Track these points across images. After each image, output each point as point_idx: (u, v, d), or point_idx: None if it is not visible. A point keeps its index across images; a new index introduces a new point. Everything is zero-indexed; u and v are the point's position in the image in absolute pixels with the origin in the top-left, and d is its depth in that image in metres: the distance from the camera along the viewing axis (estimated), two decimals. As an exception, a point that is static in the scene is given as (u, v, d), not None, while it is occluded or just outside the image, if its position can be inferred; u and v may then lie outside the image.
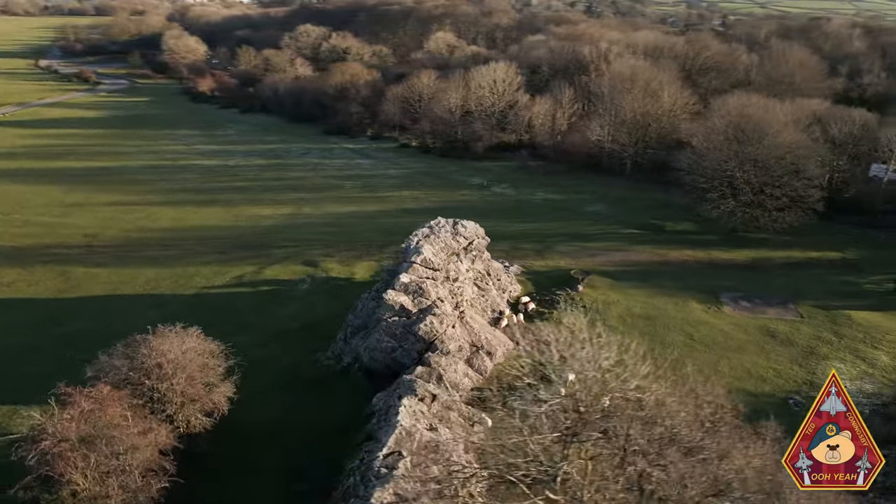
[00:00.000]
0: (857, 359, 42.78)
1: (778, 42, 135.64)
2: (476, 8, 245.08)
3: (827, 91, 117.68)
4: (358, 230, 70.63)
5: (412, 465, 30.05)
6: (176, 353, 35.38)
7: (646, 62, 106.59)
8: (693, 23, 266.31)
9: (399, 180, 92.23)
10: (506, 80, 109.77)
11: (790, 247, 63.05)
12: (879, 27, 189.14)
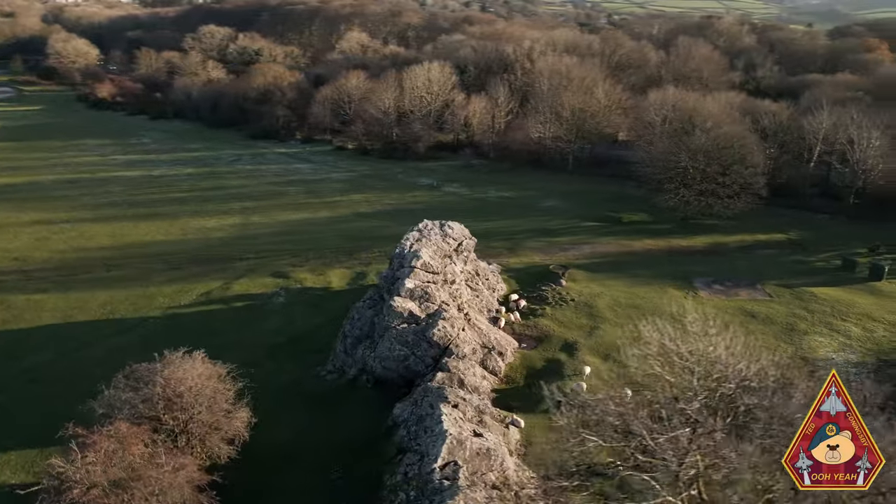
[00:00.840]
0: (832, 332, 46.19)
1: (684, 39, 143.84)
2: (385, 7, 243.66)
3: (729, 84, 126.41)
4: (320, 237, 68.36)
5: (469, 474, 29.61)
6: (194, 381, 32.91)
7: (577, 60, 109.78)
8: (584, 22, 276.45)
9: (345, 184, 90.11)
10: (440, 80, 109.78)
11: (739, 231, 67.18)
12: (764, 24, 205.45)
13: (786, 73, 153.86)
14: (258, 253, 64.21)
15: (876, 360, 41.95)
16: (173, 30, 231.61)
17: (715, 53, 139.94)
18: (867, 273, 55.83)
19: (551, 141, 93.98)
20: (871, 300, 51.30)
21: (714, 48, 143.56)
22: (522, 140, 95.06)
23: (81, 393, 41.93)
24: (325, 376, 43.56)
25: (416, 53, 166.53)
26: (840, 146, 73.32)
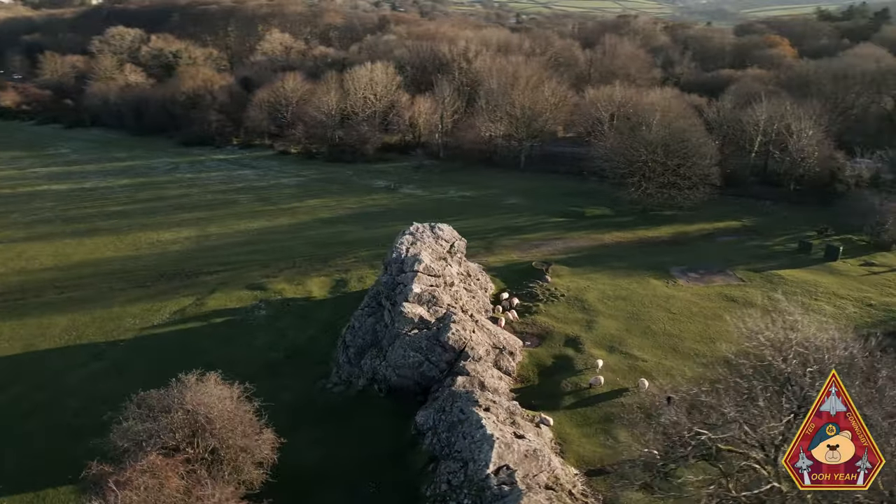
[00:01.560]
0: (808, 311, 48.81)
1: (610, 37, 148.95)
2: (305, 7, 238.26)
3: (652, 80, 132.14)
4: (288, 246, 66.02)
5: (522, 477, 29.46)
6: (222, 405, 30.95)
7: (523, 59, 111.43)
8: (495, 22, 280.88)
9: (297, 189, 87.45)
10: (384, 81, 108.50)
11: (698, 221, 70.27)
12: (674, 23, 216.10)
13: (701, 69, 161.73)
14: (225, 265, 61.29)
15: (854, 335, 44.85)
16: (75, 32, 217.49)
17: (640, 51, 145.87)
18: (823, 254, 59.75)
19: (502, 139, 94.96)
20: (833, 279, 54.95)
21: (638, 46, 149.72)
22: (473, 139, 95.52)
23: (63, 428, 39.12)
24: (332, 389, 42.13)
25: (345, 54, 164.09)
26: (778, 136, 78.14)
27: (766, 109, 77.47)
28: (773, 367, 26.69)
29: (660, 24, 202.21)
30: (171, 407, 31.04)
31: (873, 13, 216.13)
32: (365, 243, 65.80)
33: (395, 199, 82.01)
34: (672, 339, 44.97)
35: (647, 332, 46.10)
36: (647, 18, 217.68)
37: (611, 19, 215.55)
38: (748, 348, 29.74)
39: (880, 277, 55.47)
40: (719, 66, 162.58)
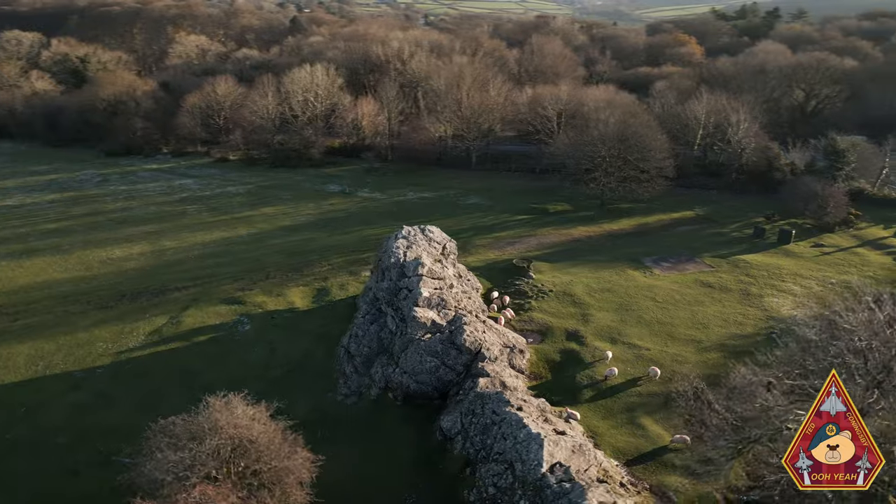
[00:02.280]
0: (780, 292, 52.28)
1: (537, 38, 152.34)
2: (218, 8, 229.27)
3: (579, 79, 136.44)
4: (254, 256, 63.44)
5: (575, 472, 29.76)
6: (259, 427, 29.40)
7: (468, 59, 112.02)
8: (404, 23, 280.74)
9: (247, 197, 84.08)
10: (325, 83, 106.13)
11: (655, 212, 73.11)
12: (590, 23, 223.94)
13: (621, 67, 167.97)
14: (193, 280, 58.14)
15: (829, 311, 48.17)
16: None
17: (567, 50, 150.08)
18: (776, 238, 63.72)
19: (452, 140, 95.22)
20: (791, 261, 58.73)
21: (564, 46, 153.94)
22: (423, 140, 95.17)
23: (55, 466, 36.10)
24: (343, 401, 40.98)
25: (271, 56, 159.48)
26: (717, 129, 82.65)
27: (705, 104, 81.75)
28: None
29: (577, 24, 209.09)
30: (202, 432, 29.18)
31: (765, 12, 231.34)
32: (336, 250, 64.25)
33: (353, 203, 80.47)
34: (666, 327, 46.62)
35: (641, 321, 47.59)
36: (566, 19, 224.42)
37: (530, 20, 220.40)
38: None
39: (832, 257, 59.79)
40: (636, 63, 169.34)
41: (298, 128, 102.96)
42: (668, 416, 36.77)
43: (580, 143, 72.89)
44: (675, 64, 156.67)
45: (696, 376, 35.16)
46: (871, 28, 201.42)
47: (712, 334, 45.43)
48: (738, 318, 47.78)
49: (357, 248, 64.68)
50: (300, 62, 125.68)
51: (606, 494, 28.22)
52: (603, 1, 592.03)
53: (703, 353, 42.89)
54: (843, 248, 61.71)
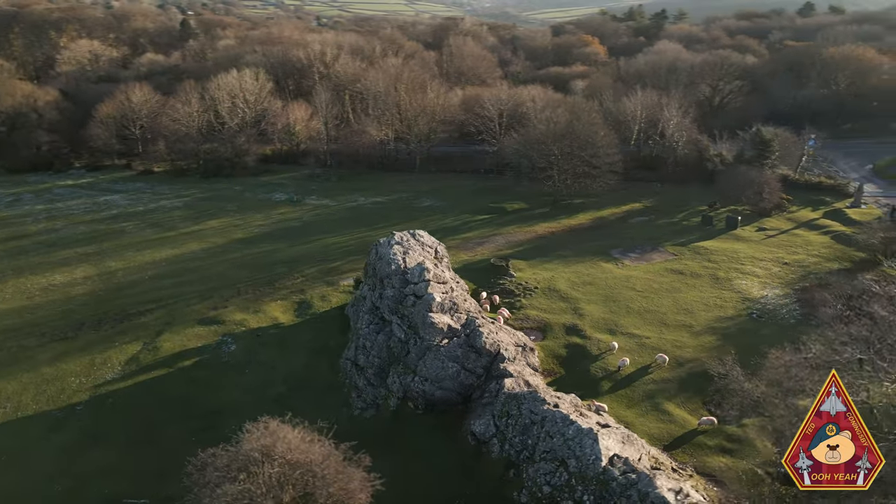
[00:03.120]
0: (745, 275, 55.85)
1: (456, 39, 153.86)
2: (107, 11, 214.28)
3: (499, 79, 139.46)
4: (217, 273, 60.14)
5: (633, 461, 30.62)
6: (317, 449, 28.13)
7: (401, 60, 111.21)
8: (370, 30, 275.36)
9: (187, 211, 79.43)
10: (254, 88, 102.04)
11: (606, 206, 75.96)
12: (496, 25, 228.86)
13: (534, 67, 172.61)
14: (156, 302, 54.34)
15: (792, 290, 52.21)
16: None
17: (485, 52, 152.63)
18: (724, 225, 68.02)
19: (394, 143, 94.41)
20: (744, 245, 62.90)
21: (483, 47, 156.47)
22: (365, 144, 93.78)
23: None
24: (361, 415, 39.89)
25: (179, 62, 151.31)
26: (650, 124, 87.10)
27: (640, 100, 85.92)
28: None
29: (484, 25, 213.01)
30: (253, 461, 27.52)
31: (652, 14, 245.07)
32: (303, 261, 62.12)
33: (305, 212, 78.04)
34: (656, 315, 48.64)
35: (631, 311, 49.39)
36: (474, 20, 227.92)
37: (439, 21, 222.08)
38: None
39: (777, 240, 64.59)
40: (546, 63, 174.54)
41: (228, 136, 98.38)
42: (687, 400, 38.50)
43: (532, 142, 74.47)
44: (584, 63, 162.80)
45: (731, 357, 36.74)
46: (748, 27, 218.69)
47: (700, 319, 47.90)
48: (717, 301, 50.65)
49: (325, 257, 62.91)
50: (215, 67, 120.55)
51: (670, 480, 29.16)
52: (491, 3, 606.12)
53: (698, 338, 45.16)
54: (784, 231, 66.84)
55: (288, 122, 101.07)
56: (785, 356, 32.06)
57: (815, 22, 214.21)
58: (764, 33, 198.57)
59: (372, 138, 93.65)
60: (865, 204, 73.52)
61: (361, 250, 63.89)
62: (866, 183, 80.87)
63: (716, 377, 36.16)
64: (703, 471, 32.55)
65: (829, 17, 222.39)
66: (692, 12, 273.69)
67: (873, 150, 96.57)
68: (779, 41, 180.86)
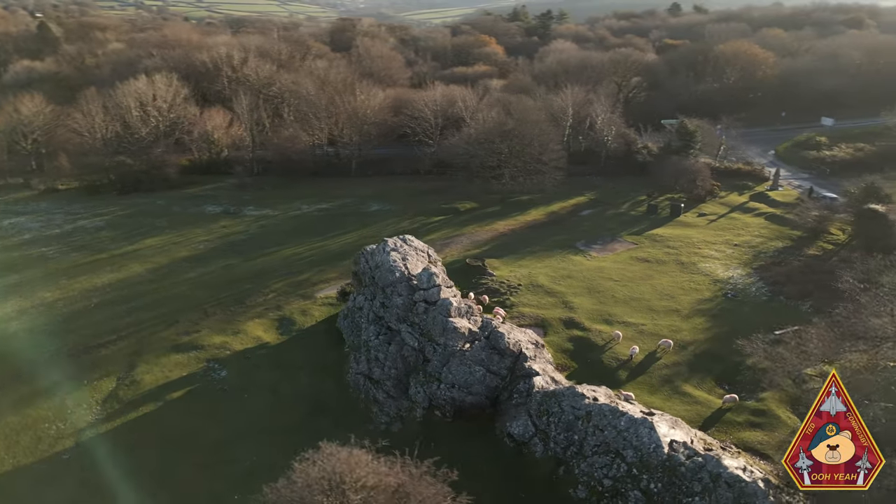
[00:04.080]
0: (704, 258, 59.33)
1: (364, 40, 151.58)
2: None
3: (408, 80, 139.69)
4: (176, 294, 55.66)
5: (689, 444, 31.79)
6: (398, 471, 26.87)
7: (326, 63, 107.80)
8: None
9: (114, 231, 72.61)
10: (167, 94, 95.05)
11: (554, 201, 77.80)
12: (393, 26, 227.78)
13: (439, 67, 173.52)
14: (115, 332, 49.48)
15: (752, 270, 56.16)
16: None
17: (394, 53, 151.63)
18: (668, 213, 71.92)
19: (327, 147, 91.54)
20: (694, 231, 66.83)
21: (391, 48, 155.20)
22: (297, 150, 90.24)
23: None
24: (388, 429, 38.48)
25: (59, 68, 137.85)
26: (580, 120, 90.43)
27: (571, 97, 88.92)
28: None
29: (382, 26, 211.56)
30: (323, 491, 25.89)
31: (535, 15, 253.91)
32: (268, 275, 58.90)
33: (248, 224, 73.88)
34: (641, 302, 50.57)
35: (617, 300, 51.03)
36: (371, 21, 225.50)
37: (336, 23, 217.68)
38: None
39: (719, 224, 69.24)
40: (447, 63, 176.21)
41: (143, 147, 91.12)
42: (702, 381, 40.42)
43: (480, 141, 74.99)
44: (485, 63, 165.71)
45: (756, 338, 38.88)
46: (629, 26, 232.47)
47: (683, 302, 50.38)
48: (692, 285, 53.52)
49: (289, 269, 60.02)
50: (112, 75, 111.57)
51: (732, 460, 30.46)
52: (365, 4, 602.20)
53: (689, 320, 47.50)
54: (722, 215, 71.77)
55: (206, 129, 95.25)
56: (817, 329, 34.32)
57: (686, 21, 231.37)
58: (643, 32, 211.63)
59: (304, 143, 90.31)
60: (782, 186, 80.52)
61: (326, 261, 61.88)
62: (769, 167, 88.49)
63: (739, 356, 38.19)
64: (744, 447, 34.23)
65: (697, 17, 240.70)
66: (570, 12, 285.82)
67: (769, 137, 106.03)
68: (658, 39, 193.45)
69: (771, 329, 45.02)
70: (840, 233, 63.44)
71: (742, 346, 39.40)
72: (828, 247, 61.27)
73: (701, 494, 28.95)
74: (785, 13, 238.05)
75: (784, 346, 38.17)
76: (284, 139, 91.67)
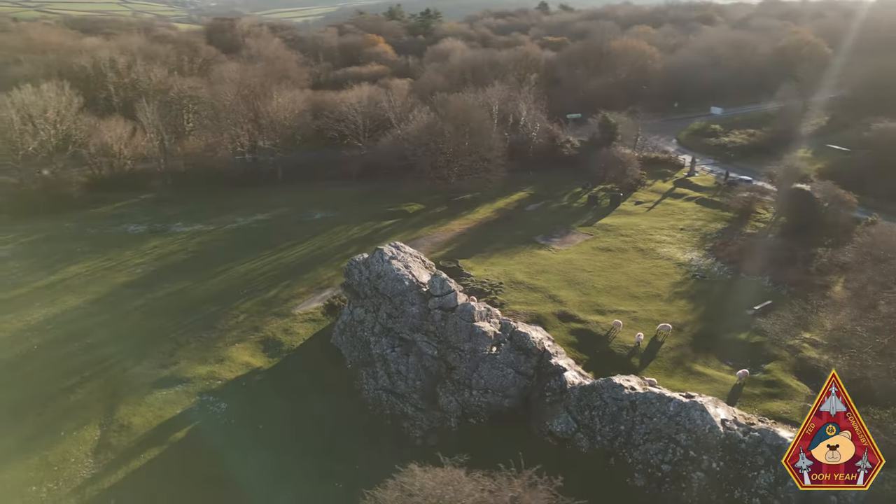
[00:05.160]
0: (659, 243, 62.66)
1: (256, 41, 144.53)
2: None
3: (305, 81, 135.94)
4: (131, 326, 50.28)
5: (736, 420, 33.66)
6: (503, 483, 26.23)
7: (240, 66, 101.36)
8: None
9: (28, 261, 63.77)
10: (58, 105, 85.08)
11: (496, 198, 78.54)
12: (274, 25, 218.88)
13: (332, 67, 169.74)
14: (76, 374, 44.01)
15: (706, 251, 60.13)
16: None
17: (290, 53, 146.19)
18: (609, 202, 75.20)
19: (249, 154, 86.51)
20: (639, 219, 70.32)
21: (286, 48, 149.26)
22: (219, 158, 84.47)
23: None
24: (425, 443, 37.39)
25: None
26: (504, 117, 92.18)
27: (497, 93, 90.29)
28: None
29: (263, 26, 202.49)
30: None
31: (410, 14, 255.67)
32: (231, 295, 54.80)
33: (185, 242, 68.11)
34: (622, 290, 52.57)
35: (599, 290, 52.69)
36: (251, 20, 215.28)
37: (213, 22, 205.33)
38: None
39: (656, 210, 73.43)
40: (338, 64, 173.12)
41: (34, 164, 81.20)
42: (708, 360, 42.79)
43: (423, 142, 74.30)
44: (377, 63, 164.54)
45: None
46: (506, 25, 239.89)
47: (661, 287, 52.98)
48: (660, 270, 56.42)
49: (252, 287, 56.26)
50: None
51: (786, 431, 32.45)
52: (217, 3, 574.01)
53: (673, 304, 50.06)
54: (656, 202, 76.16)
55: (104, 141, 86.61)
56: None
57: (559, 19, 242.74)
58: (522, 29, 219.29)
59: (226, 151, 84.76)
60: (697, 172, 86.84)
61: (288, 275, 58.73)
62: (680, 155, 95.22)
63: (730, 332, 40.93)
64: (771, 417, 36.61)
65: (568, 15, 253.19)
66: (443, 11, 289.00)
67: (665, 126, 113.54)
68: (539, 37, 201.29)
69: (747, 306, 48.74)
70: (765, 211, 69.53)
71: (731, 323, 42.14)
72: (759, 225, 67.04)
73: (765, 467, 30.64)
74: (646, 11, 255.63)
75: (766, 320, 41.24)
76: (203, 148, 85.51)
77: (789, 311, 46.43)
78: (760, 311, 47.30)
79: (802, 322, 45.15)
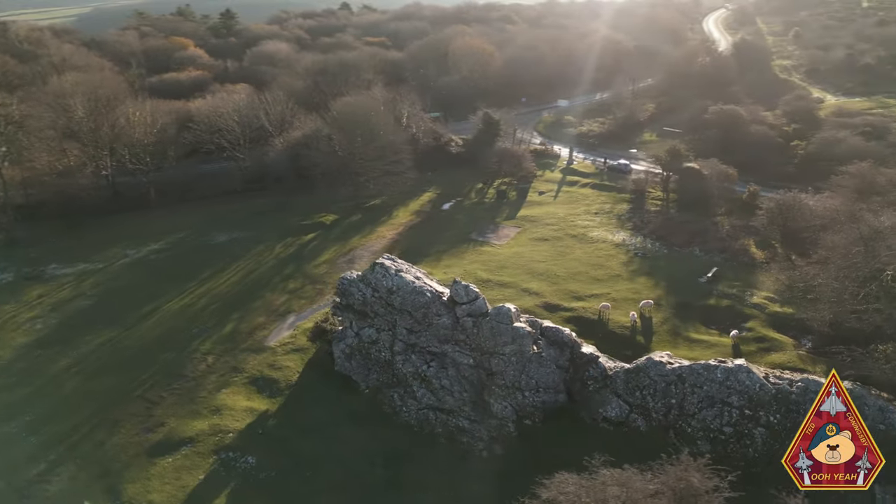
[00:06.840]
0: (585, 228, 66.12)
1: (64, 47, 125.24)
2: None
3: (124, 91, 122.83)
4: (74, 393, 42.07)
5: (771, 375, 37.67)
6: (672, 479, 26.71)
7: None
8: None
9: None
10: None
11: (407, 200, 77.23)
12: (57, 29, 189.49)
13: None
14: (43, 461, 35.67)
15: (630, 231, 65.13)
16: None
17: (103, 59, 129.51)
18: (516, 195, 77.99)
19: (110, 176, 75.08)
20: (552, 208, 73.46)
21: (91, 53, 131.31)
22: (78, 185, 72.08)
23: None
24: (490, 454, 36.58)
25: None
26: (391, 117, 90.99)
27: (381, 94, 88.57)
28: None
29: (47, 31, 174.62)
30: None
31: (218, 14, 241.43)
32: (180, 338, 47.94)
33: (77, 285, 57.43)
34: (584, 276, 54.97)
35: (563, 278, 54.55)
36: (31, 24, 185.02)
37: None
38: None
39: (563, 198, 77.46)
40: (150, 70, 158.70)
41: None
42: (697, 327, 46.60)
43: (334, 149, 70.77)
44: (194, 67, 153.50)
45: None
46: (317, 26, 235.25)
47: (615, 268, 56.33)
48: (604, 252, 59.83)
49: (201, 326, 49.64)
50: None
51: (818, 377, 36.66)
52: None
53: (636, 281, 53.50)
54: (557, 192, 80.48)
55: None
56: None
57: (373, 20, 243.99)
58: (336, 31, 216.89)
59: (87, 177, 72.63)
60: (576, 160, 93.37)
61: (234, 306, 53.26)
62: (552, 145, 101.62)
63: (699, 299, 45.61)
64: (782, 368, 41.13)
65: (379, 16, 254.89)
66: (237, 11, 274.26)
67: (522, 119, 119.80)
68: (358, 37, 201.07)
69: (698, 275, 53.95)
70: (654, 190, 77.10)
71: (694, 292, 46.80)
72: (657, 203, 74.17)
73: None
74: (450, 11, 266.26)
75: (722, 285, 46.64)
76: (49, 173, 72.29)
77: (735, 275, 52.40)
78: (712, 278, 52.65)
79: (752, 282, 51.31)
